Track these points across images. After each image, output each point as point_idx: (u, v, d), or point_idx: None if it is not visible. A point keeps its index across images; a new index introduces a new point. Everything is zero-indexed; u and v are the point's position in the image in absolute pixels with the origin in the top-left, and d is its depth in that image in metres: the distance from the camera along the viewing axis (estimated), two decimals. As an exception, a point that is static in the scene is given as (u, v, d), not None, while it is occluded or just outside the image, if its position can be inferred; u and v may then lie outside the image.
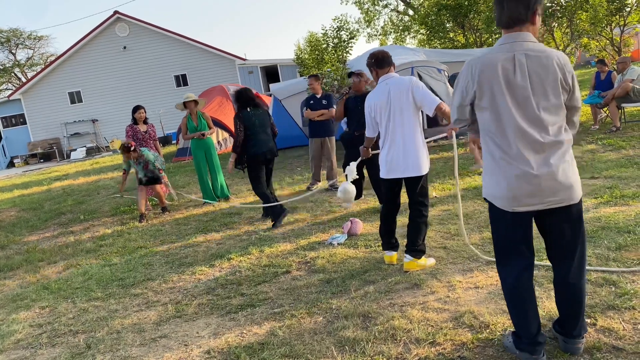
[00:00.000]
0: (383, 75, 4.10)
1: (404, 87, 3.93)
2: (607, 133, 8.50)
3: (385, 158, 4.06)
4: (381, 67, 4.11)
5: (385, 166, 4.07)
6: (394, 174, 4.03)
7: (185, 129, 7.85)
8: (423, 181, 4.02)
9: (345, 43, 11.91)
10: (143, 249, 5.86)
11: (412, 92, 3.91)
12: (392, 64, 4.15)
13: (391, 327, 3.15)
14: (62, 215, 8.93)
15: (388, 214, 4.26)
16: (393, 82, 4.01)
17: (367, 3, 31.56)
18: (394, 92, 3.95)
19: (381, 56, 4.10)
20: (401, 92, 3.93)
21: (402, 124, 3.94)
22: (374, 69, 4.15)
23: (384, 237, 4.29)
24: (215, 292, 4.23)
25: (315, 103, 7.74)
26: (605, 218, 4.50)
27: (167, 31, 25.53)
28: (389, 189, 4.18)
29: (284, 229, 5.84)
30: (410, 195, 4.07)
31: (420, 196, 4.04)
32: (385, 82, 4.05)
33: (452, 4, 17.37)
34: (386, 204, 4.27)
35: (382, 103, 4.01)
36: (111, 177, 13.54)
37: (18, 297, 4.84)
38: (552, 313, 3.00)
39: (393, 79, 4.04)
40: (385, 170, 4.09)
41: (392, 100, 3.96)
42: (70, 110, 25.51)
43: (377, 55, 4.13)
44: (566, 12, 12.43)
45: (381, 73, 4.12)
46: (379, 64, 4.10)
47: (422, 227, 4.07)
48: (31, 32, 45.47)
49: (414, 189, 4.03)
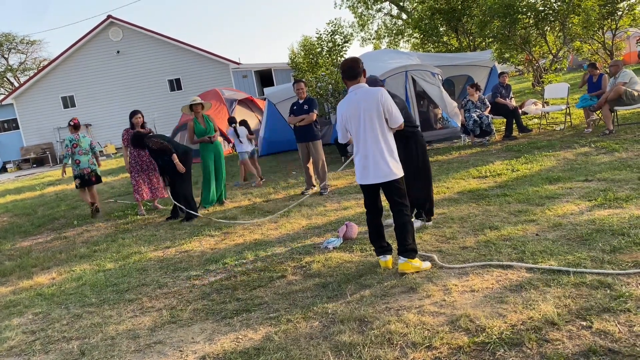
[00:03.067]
0: (353, 85, 4.21)
1: (374, 98, 4.08)
2: (601, 136, 8.55)
3: (358, 164, 4.22)
4: (350, 78, 4.21)
5: (358, 172, 4.24)
6: (366, 180, 4.18)
7: (192, 133, 7.70)
8: (398, 184, 4.15)
9: (340, 47, 11.93)
10: (137, 254, 5.82)
11: (381, 104, 4.07)
12: (362, 72, 4.22)
13: (387, 332, 3.14)
14: (56, 220, 8.88)
15: (372, 218, 4.36)
16: (362, 92, 4.14)
17: (360, 7, 31.67)
18: (364, 102, 4.09)
19: (352, 65, 4.20)
20: (371, 103, 4.08)
21: (372, 131, 4.10)
22: (344, 79, 4.26)
23: (374, 242, 4.36)
24: (210, 297, 4.21)
25: (298, 108, 7.74)
26: (600, 221, 4.52)
27: (161, 35, 25.50)
28: (366, 194, 4.32)
29: (279, 233, 5.83)
30: (389, 198, 4.21)
31: (399, 198, 4.17)
32: (355, 92, 4.17)
33: (445, 8, 17.46)
34: (367, 209, 4.39)
35: (352, 112, 4.15)
36: (105, 181, 13.48)
37: (11, 303, 4.79)
38: (548, 316, 3.00)
39: (362, 89, 4.17)
40: (358, 176, 4.25)
41: (362, 109, 4.10)
42: (63, 115, 25.37)
43: (346, 66, 4.24)
44: (558, 16, 12.51)
45: (350, 84, 4.23)
46: (348, 74, 4.21)
47: (407, 226, 4.15)
48: (24, 36, 45.36)
49: (390, 193, 4.17)
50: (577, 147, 8.02)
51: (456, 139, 10.78)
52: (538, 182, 6.24)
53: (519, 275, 3.68)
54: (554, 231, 4.48)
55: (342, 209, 6.54)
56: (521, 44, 13.09)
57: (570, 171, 6.53)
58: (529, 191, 5.86)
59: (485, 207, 5.58)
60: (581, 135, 9.04)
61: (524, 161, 7.57)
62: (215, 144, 7.81)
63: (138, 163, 8.03)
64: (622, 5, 12.68)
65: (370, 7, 31.42)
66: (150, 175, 8.12)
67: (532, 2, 12.95)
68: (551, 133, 9.90)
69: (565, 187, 5.84)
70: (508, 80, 11.60)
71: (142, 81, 25.54)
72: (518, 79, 25.67)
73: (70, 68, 25.33)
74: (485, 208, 5.53)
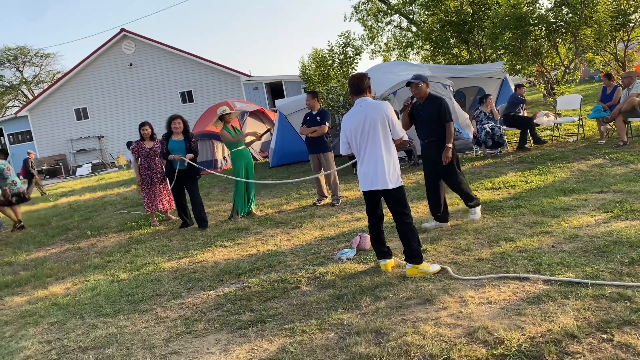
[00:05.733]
0: (359, 99, 4.40)
1: (380, 110, 4.27)
2: (615, 147, 8.48)
3: (359, 171, 4.43)
4: (356, 93, 4.42)
5: (360, 179, 4.43)
6: (367, 187, 4.37)
7: (229, 137, 7.55)
8: (399, 193, 4.33)
9: (351, 59, 11.99)
10: (151, 265, 5.84)
11: (385, 116, 4.26)
12: (368, 88, 4.43)
13: (404, 343, 3.11)
14: (69, 231, 8.94)
15: (373, 224, 4.56)
16: (367, 104, 4.34)
17: (370, 20, 31.83)
18: (370, 113, 4.26)
19: (358, 82, 4.40)
20: (377, 113, 4.25)
21: (375, 141, 4.27)
22: (351, 94, 4.48)
23: (374, 247, 4.58)
24: (224, 307, 4.21)
25: (311, 119, 7.78)
26: (617, 232, 4.47)
27: (173, 48, 25.80)
28: (368, 201, 4.51)
29: (292, 244, 5.83)
30: (390, 206, 4.39)
31: (399, 206, 4.34)
32: (360, 105, 4.37)
33: (456, 20, 17.49)
34: (369, 215, 4.57)
35: (357, 122, 4.32)
36: (117, 192, 13.58)
37: (27, 313, 4.82)
38: (568, 328, 2.96)
39: (367, 101, 4.36)
40: (361, 183, 4.44)
41: (368, 119, 4.26)
42: (76, 127, 25.72)
43: (353, 82, 4.44)
44: (570, 28, 12.48)
45: (356, 97, 4.43)
46: (355, 90, 4.43)
47: (409, 233, 4.32)
48: (38, 49, 46.05)
49: (391, 201, 4.36)
50: (591, 158, 7.96)
51: (468, 151, 10.75)
52: (552, 193, 6.19)
53: (536, 287, 3.64)
54: (570, 243, 4.44)
55: (355, 220, 6.53)
56: (532, 55, 13.06)
57: (585, 183, 6.48)
58: (544, 203, 5.82)
59: (500, 218, 5.54)
60: (595, 146, 8.98)
61: (538, 173, 7.53)
62: (246, 152, 7.75)
63: (149, 175, 8.08)
64: (635, 17, 12.62)
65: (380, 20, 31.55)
66: (161, 187, 8.17)
67: (544, 14, 12.95)
68: (564, 145, 9.85)
69: (580, 198, 5.80)
70: (519, 92, 11.56)
71: (154, 93, 25.81)
72: (529, 90, 25.58)
73: (84, 80, 25.68)
74: (500, 220, 5.49)
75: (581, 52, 13.14)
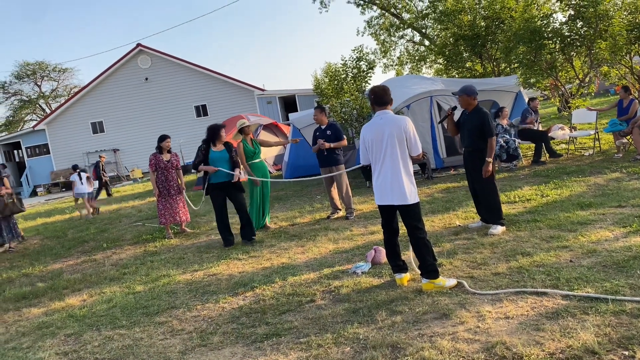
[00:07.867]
0: (380, 111, 4.38)
1: (400, 125, 4.27)
2: (632, 161, 8.39)
3: (375, 184, 4.42)
4: (379, 104, 4.39)
5: (376, 193, 4.43)
6: (383, 201, 4.37)
7: (243, 154, 7.50)
8: (414, 207, 4.31)
9: (365, 73, 12.04)
10: (166, 277, 5.87)
11: (404, 132, 4.27)
12: (390, 101, 4.43)
13: (421, 358, 3.08)
14: (85, 243, 9.03)
15: (388, 237, 4.55)
16: (387, 118, 4.32)
17: (383, 34, 31.97)
18: (390, 127, 4.27)
19: (381, 94, 4.39)
20: (397, 129, 4.26)
21: (393, 155, 4.27)
22: (373, 104, 4.45)
23: (390, 260, 4.57)
24: (239, 320, 4.21)
25: (321, 134, 7.79)
26: (636, 247, 4.41)
27: (188, 63, 26.13)
28: (383, 215, 4.50)
29: (306, 257, 5.82)
30: (404, 220, 4.36)
31: (414, 221, 4.32)
32: (380, 117, 4.36)
33: (469, 34, 17.51)
34: (384, 228, 4.56)
35: (375, 135, 4.33)
36: (132, 205, 13.69)
37: (43, 324, 4.86)
38: (588, 344, 2.92)
39: (388, 115, 4.35)
40: (377, 197, 4.44)
41: (387, 134, 4.27)
42: (92, 140, 26.07)
43: (377, 92, 4.41)
44: (585, 41, 12.44)
45: (378, 109, 4.41)
46: (378, 101, 4.40)
47: (423, 248, 4.29)
48: (56, 64, 46.92)
49: (406, 216, 4.33)
50: (607, 172, 7.88)
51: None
52: (569, 207, 6.13)
53: (555, 303, 3.60)
54: (588, 258, 4.39)
55: (369, 233, 6.52)
56: (547, 69, 13.03)
57: (602, 197, 6.41)
58: (560, 217, 5.76)
59: (516, 232, 5.50)
60: (611, 160, 8.89)
61: (554, 186, 7.46)
62: (262, 165, 7.76)
63: (165, 187, 8.15)
64: (650, 30, 12.54)
65: (393, 34, 31.66)
66: (177, 199, 8.23)
67: (558, 28, 12.92)
68: (580, 158, 9.76)
69: (598, 212, 5.73)
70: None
71: (169, 107, 26.11)
72: (544, 104, 25.45)
73: (100, 95, 26.08)
74: (516, 234, 5.45)
75: (596, 65, 13.07)
